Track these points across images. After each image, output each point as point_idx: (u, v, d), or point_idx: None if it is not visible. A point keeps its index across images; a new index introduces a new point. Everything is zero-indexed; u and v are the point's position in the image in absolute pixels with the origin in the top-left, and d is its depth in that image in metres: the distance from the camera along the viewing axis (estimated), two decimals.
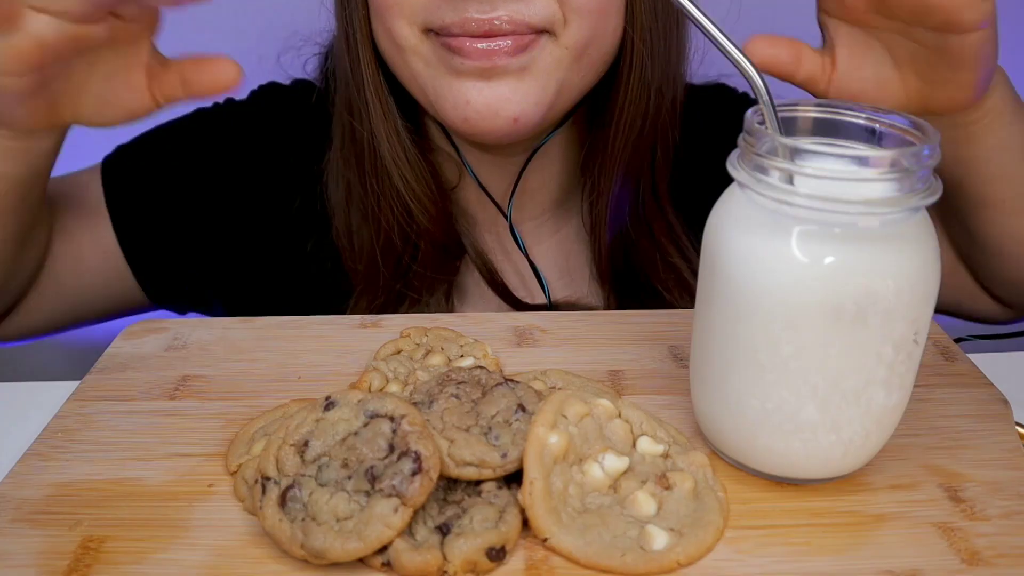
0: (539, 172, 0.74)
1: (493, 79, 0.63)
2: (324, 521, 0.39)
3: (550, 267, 0.77)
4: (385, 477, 0.40)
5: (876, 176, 0.39)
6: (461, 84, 0.63)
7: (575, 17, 0.62)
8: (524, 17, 0.61)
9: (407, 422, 0.42)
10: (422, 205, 0.70)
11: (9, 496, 0.44)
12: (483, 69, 0.62)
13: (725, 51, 0.43)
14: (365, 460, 0.41)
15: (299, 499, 0.40)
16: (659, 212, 0.74)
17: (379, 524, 0.39)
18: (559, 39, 0.63)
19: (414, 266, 0.72)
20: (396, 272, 0.72)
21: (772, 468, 0.44)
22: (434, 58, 0.64)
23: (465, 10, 0.60)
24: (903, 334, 0.41)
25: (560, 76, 0.64)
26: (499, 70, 0.62)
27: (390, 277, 0.71)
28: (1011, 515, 0.43)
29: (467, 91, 0.63)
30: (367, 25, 0.67)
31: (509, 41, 0.61)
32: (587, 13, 0.62)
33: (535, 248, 0.77)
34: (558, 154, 0.74)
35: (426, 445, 0.41)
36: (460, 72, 0.63)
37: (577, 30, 0.62)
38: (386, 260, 0.71)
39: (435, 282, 0.73)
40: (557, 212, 0.78)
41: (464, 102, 0.63)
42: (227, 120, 0.78)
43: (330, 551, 0.38)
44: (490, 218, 0.76)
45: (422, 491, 0.40)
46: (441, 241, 0.72)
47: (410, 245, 0.72)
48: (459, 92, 0.63)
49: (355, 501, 0.40)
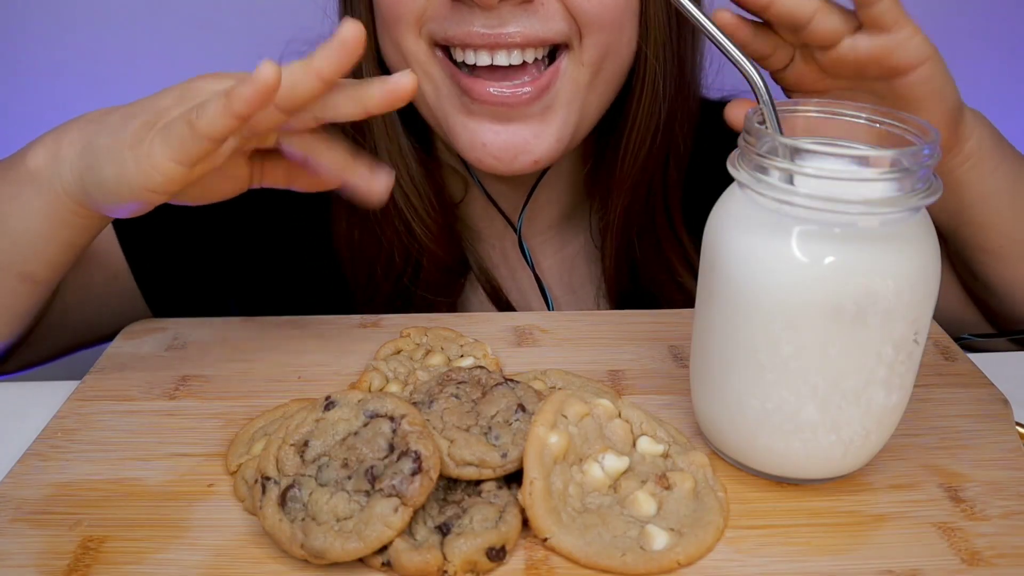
0: (548, 187, 0.72)
1: (512, 122, 0.60)
2: (324, 521, 0.39)
3: (556, 283, 0.76)
4: (385, 477, 0.40)
5: (876, 176, 0.39)
6: (476, 125, 0.61)
7: (590, 32, 0.59)
8: (537, 33, 0.58)
9: (407, 422, 0.42)
10: (424, 223, 0.68)
11: (9, 496, 0.44)
12: (499, 111, 0.60)
13: (725, 51, 0.43)
14: (365, 460, 0.41)
15: (299, 499, 0.40)
16: (669, 229, 0.71)
17: (379, 524, 0.39)
18: (576, 55, 0.60)
19: (414, 288, 0.70)
20: (396, 291, 0.70)
21: (772, 468, 0.44)
22: (446, 89, 0.62)
23: (471, 24, 0.58)
24: (903, 334, 0.41)
25: (580, 100, 0.62)
26: (517, 112, 0.60)
27: (390, 294, 0.70)
28: (1011, 515, 0.43)
29: (483, 133, 0.61)
30: (371, 39, 0.64)
31: (529, 89, 0.59)
32: (602, 26, 0.60)
33: (541, 264, 0.75)
34: (568, 168, 0.73)
35: (426, 445, 0.41)
36: (473, 112, 0.61)
37: (593, 45, 0.60)
38: (387, 278, 0.70)
39: (437, 303, 0.71)
40: (565, 227, 0.76)
41: (480, 144, 0.61)
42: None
43: (330, 551, 0.38)
44: (496, 233, 0.74)
45: (422, 491, 0.40)
46: (443, 260, 0.70)
47: (411, 265, 0.70)
48: (474, 133, 0.61)
49: (355, 501, 0.40)
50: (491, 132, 0.61)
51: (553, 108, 0.61)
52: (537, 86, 0.60)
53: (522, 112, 0.60)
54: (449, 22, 0.59)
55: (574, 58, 0.61)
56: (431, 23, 0.60)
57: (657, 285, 0.72)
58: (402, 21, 0.61)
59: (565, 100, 0.61)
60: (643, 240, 0.71)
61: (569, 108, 0.62)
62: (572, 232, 0.76)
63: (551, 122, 0.61)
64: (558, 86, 0.61)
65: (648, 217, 0.70)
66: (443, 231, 0.70)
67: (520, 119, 0.61)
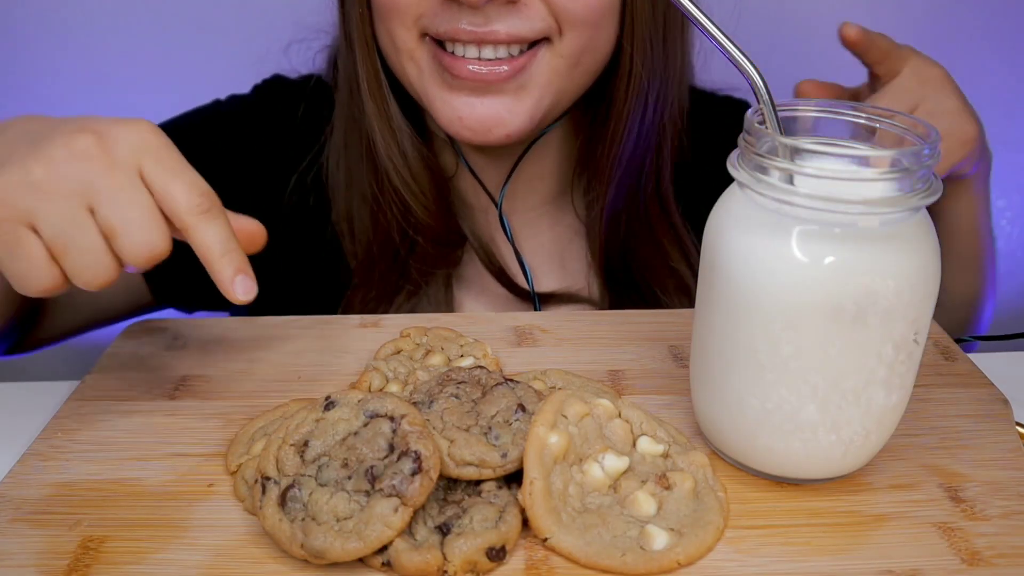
0: (537, 163, 0.74)
1: (487, 95, 0.64)
2: (324, 521, 0.39)
3: (545, 259, 0.77)
4: (385, 477, 0.40)
5: (876, 176, 0.39)
6: (454, 98, 0.64)
7: (570, 28, 0.63)
8: (520, 31, 0.62)
9: (407, 422, 0.42)
10: (420, 200, 0.70)
11: (9, 496, 0.44)
12: (477, 86, 0.63)
13: (725, 50, 0.42)
14: (365, 460, 0.41)
15: (299, 499, 0.40)
16: (662, 214, 0.74)
17: (379, 524, 0.39)
18: (555, 47, 0.63)
19: (411, 261, 0.72)
20: (393, 265, 0.72)
21: (772, 468, 0.44)
22: (428, 67, 0.65)
23: (458, 21, 0.61)
24: (903, 334, 0.41)
25: (556, 86, 0.65)
26: (494, 88, 0.63)
27: (387, 270, 0.72)
28: (1011, 515, 0.43)
29: (460, 107, 0.64)
30: (367, 24, 0.67)
31: (505, 67, 0.62)
32: (582, 24, 0.63)
33: (532, 240, 0.77)
34: (557, 146, 0.75)
35: (426, 445, 0.41)
36: (453, 86, 0.64)
37: (573, 39, 0.63)
38: (383, 254, 0.72)
39: (435, 273, 0.73)
40: (556, 204, 0.78)
41: (457, 118, 0.64)
42: (231, 115, 0.77)
43: (330, 551, 0.38)
44: (485, 207, 0.76)
45: (422, 491, 0.40)
46: (441, 234, 0.72)
47: (407, 240, 0.72)
48: (452, 107, 0.64)
49: (355, 501, 0.40)
50: (467, 106, 0.64)
51: (527, 88, 0.64)
52: (513, 66, 0.63)
53: (498, 88, 0.64)
54: (439, 19, 0.62)
55: (553, 50, 0.64)
56: (423, 19, 0.63)
57: (650, 269, 0.74)
58: (395, 14, 0.64)
59: (541, 83, 0.65)
60: (634, 222, 0.73)
61: (544, 91, 0.65)
62: (565, 209, 0.78)
63: (524, 100, 0.65)
64: (533, 69, 0.64)
65: (639, 199, 0.72)
66: (438, 205, 0.72)
67: (495, 93, 0.64)
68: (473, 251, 0.75)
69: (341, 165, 0.73)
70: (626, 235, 0.73)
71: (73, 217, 0.44)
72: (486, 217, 0.76)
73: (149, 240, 0.45)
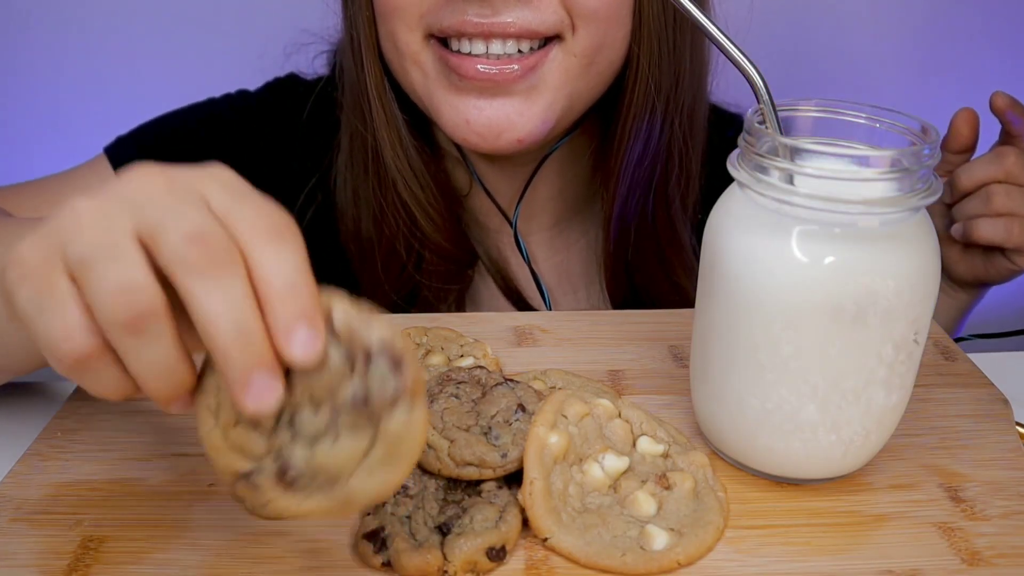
0: (550, 182, 0.72)
1: (497, 97, 0.60)
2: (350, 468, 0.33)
3: (560, 280, 0.75)
4: (375, 388, 0.32)
5: (876, 176, 0.39)
6: (461, 101, 0.61)
7: (584, 24, 0.60)
8: (531, 24, 0.59)
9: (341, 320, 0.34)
10: (427, 214, 0.68)
11: (9, 496, 0.44)
12: (485, 87, 0.60)
13: (724, 50, 0.42)
14: (335, 389, 0.33)
15: (300, 469, 0.33)
16: (670, 229, 0.71)
17: (411, 440, 0.32)
18: (568, 45, 0.60)
19: (418, 276, 0.70)
20: (400, 281, 0.70)
21: (772, 468, 0.44)
22: (433, 71, 0.62)
23: (464, 12, 0.58)
24: (903, 334, 0.41)
25: (569, 88, 0.62)
26: (503, 89, 0.60)
27: (393, 286, 0.70)
28: (1011, 515, 0.43)
29: (467, 110, 0.61)
30: (371, 30, 0.64)
31: (516, 66, 0.59)
32: (596, 20, 0.60)
33: (547, 260, 0.75)
34: (570, 163, 0.72)
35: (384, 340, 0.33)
36: (460, 88, 0.61)
37: (586, 36, 0.60)
38: (389, 268, 0.70)
39: (446, 292, 0.71)
40: (571, 224, 0.75)
41: (463, 122, 0.61)
42: (238, 111, 0.75)
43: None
44: (498, 227, 0.74)
45: (416, 375, 0.32)
46: (449, 251, 0.70)
47: (414, 255, 0.70)
48: (458, 110, 0.61)
49: (366, 436, 0.33)
50: (475, 108, 0.61)
51: (539, 89, 0.61)
52: (524, 65, 0.60)
53: (508, 89, 0.60)
54: (444, 12, 0.59)
55: (565, 48, 0.61)
56: (427, 16, 0.60)
57: (655, 285, 0.72)
58: (397, 14, 0.61)
59: (553, 84, 0.61)
60: (642, 239, 0.71)
61: (557, 93, 0.62)
62: (580, 229, 0.76)
63: (536, 102, 0.61)
64: (545, 69, 0.61)
65: (647, 215, 0.70)
66: (448, 222, 0.69)
67: (505, 95, 0.61)
68: (486, 271, 0.73)
69: (347, 182, 0.70)
70: (633, 248, 0.71)
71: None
72: (501, 237, 0.74)
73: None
